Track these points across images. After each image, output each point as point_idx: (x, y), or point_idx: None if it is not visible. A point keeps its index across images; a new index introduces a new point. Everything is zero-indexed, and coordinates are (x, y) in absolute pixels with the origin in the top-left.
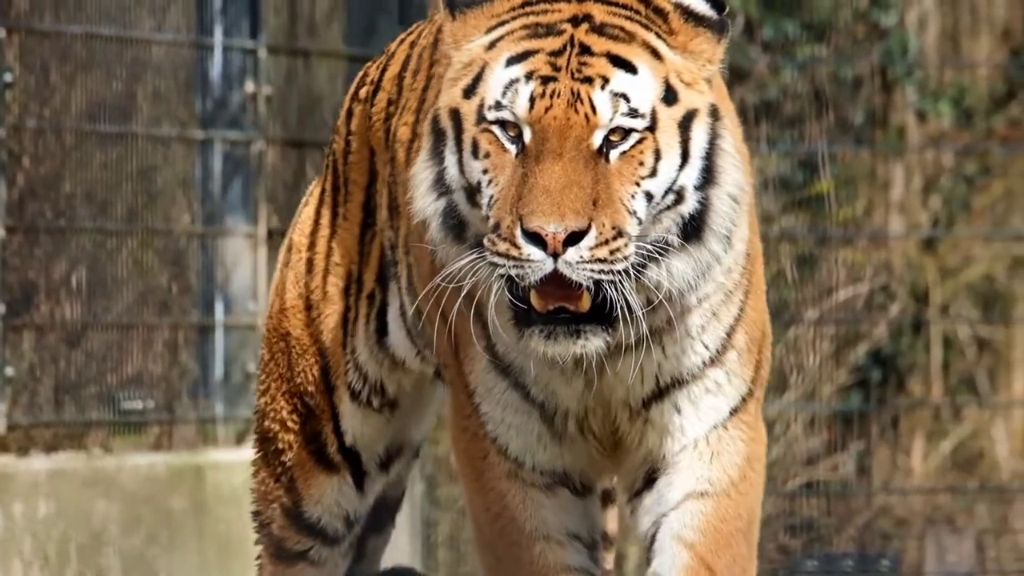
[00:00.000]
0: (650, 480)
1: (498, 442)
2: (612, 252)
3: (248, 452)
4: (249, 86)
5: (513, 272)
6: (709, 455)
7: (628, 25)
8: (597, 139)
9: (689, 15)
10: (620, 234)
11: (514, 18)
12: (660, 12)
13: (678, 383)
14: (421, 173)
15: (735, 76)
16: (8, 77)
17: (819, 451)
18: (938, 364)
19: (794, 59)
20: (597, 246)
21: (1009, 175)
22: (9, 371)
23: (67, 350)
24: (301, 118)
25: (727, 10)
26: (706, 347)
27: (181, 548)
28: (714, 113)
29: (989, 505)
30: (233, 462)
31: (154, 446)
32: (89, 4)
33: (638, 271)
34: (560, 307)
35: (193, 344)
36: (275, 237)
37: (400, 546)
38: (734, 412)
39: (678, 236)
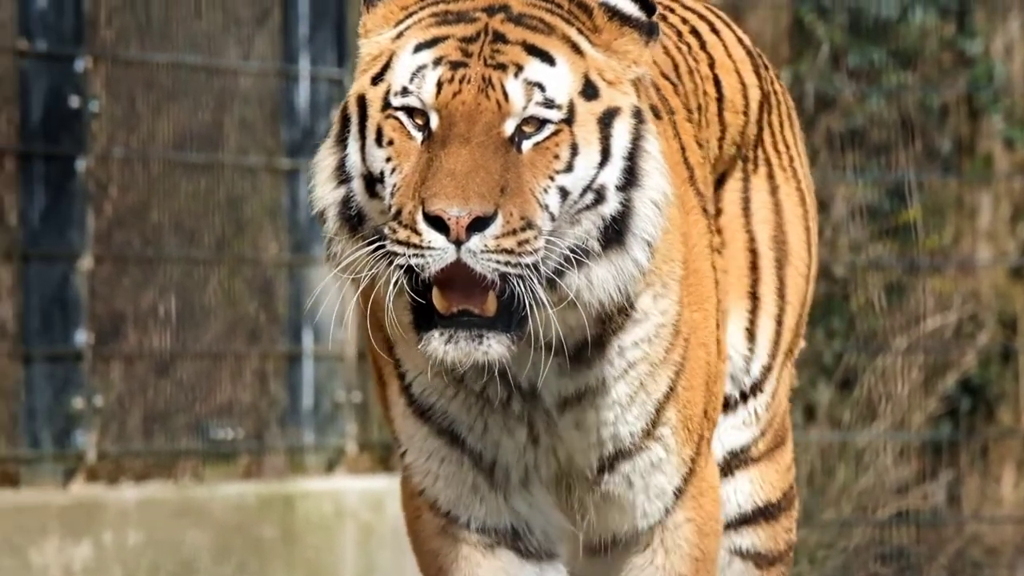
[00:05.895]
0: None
1: (426, 494)
2: (520, 244)
3: (339, 480)
4: (335, 115)
5: (413, 261)
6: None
7: (548, 17)
8: (508, 127)
9: (615, 14)
10: (529, 226)
11: (423, 7)
12: (584, 8)
13: (622, 454)
14: (323, 160)
15: (821, 104)
16: (95, 106)
17: (909, 480)
18: None
19: (881, 87)
20: (503, 235)
21: None
22: (98, 401)
23: (156, 379)
24: None
25: (655, 12)
26: (636, 418)
27: None
28: (638, 115)
29: None
30: (323, 491)
31: (244, 475)
32: (175, 33)
33: (556, 276)
34: (464, 310)
35: (282, 373)
36: None
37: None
38: (678, 494)
39: (599, 241)
